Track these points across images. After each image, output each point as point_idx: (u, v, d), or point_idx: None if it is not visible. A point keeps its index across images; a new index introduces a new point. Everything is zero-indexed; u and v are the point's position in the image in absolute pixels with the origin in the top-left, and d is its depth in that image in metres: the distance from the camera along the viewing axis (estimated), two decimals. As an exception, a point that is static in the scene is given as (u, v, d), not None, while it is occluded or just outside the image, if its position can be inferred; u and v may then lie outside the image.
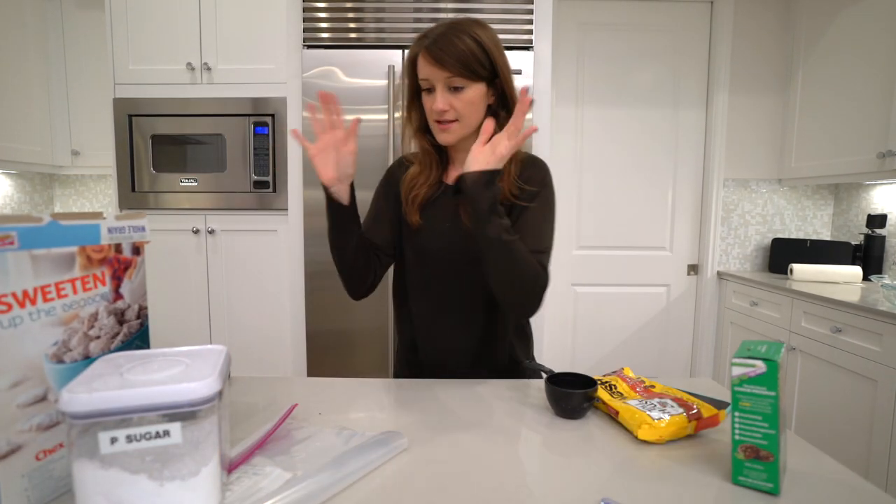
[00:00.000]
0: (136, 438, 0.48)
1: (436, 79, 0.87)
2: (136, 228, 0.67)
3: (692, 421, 0.72)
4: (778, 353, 0.58)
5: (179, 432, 0.49)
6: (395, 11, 1.92)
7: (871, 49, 1.98)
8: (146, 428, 0.48)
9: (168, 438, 0.49)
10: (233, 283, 2.15)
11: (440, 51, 0.85)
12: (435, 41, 0.86)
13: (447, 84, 0.87)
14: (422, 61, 0.88)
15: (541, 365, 0.92)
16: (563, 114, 2.51)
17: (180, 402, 0.48)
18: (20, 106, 2.18)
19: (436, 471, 0.63)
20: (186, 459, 0.50)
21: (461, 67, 0.86)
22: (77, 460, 0.47)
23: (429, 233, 0.98)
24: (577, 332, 2.61)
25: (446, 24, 0.89)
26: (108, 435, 0.47)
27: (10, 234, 0.52)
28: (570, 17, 2.47)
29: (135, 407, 0.47)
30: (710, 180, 2.53)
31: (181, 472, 0.50)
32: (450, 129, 0.90)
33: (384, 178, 1.07)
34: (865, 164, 1.99)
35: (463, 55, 0.85)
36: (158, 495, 0.49)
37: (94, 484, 0.48)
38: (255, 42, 2.07)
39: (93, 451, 0.47)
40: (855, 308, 1.72)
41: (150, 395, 0.48)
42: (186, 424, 0.49)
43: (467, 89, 0.88)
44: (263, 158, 2.10)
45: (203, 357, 0.57)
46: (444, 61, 0.85)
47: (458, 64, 0.85)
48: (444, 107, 0.88)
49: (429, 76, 0.88)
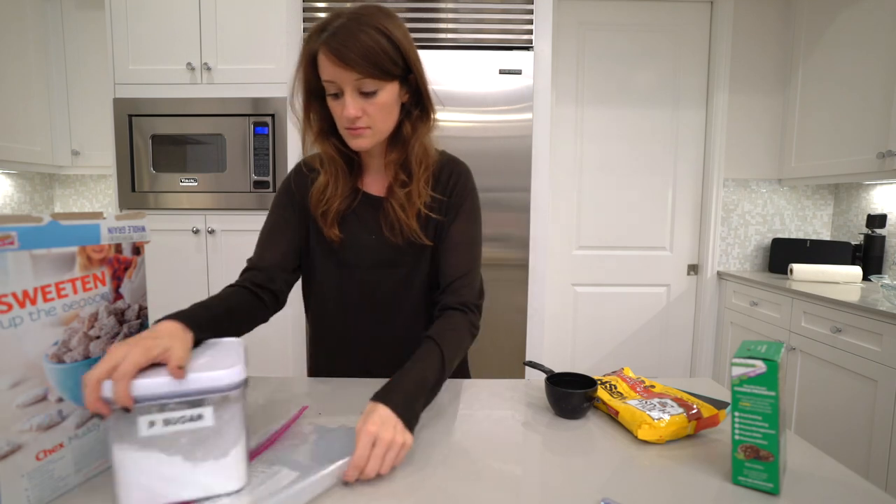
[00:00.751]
0: (172, 422, 0.52)
1: (343, 82, 0.75)
2: (136, 228, 0.67)
3: (692, 421, 0.72)
4: (778, 353, 0.58)
5: (211, 416, 0.53)
6: (394, 11, 1.92)
7: (871, 49, 1.98)
8: (181, 412, 0.52)
9: (201, 421, 0.53)
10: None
11: (344, 48, 0.73)
12: (336, 35, 0.73)
13: (356, 87, 0.76)
14: (324, 61, 0.75)
15: (541, 365, 0.92)
16: (563, 114, 2.51)
17: (213, 388, 0.53)
18: (20, 106, 2.18)
19: (436, 471, 0.63)
20: (217, 441, 0.54)
21: (371, 67, 0.74)
22: (117, 443, 0.51)
23: (353, 248, 0.90)
24: (577, 332, 2.61)
25: (347, 13, 0.75)
26: (147, 419, 0.51)
27: (10, 234, 0.52)
28: (570, 17, 2.47)
29: (172, 393, 0.52)
30: (710, 180, 2.53)
31: (213, 453, 0.54)
32: (363, 134, 0.80)
33: (282, 189, 0.93)
34: (865, 164, 1.99)
35: (371, 52, 0.74)
36: (192, 474, 0.53)
37: (134, 465, 0.52)
38: (255, 42, 2.07)
39: (132, 434, 0.51)
40: (855, 308, 1.72)
41: (185, 382, 0.52)
42: (217, 409, 0.54)
43: (380, 92, 0.77)
44: (263, 158, 2.10)
45: (223, 348, 0.61)
46: (352, 61, 0.73)
47: (368, 63, 0.74)
48: (356, 113, 0.77)
49: (335, 78, 0.75)
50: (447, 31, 1.92)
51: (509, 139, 1.91)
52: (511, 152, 1.91)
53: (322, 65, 0.76)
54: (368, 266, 0.91)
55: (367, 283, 0.92)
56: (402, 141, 0.85)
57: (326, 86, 0.78)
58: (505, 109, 1.90)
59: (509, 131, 1.90)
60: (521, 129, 1.92)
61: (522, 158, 1.92)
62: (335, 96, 0.79)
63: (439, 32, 1.92)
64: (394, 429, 0.62)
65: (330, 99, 0.80)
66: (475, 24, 1.91)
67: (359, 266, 0.91)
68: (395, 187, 0.86)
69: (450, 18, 1.92)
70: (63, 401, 0.57)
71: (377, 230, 0.89)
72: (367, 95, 0.77)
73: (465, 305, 0.85)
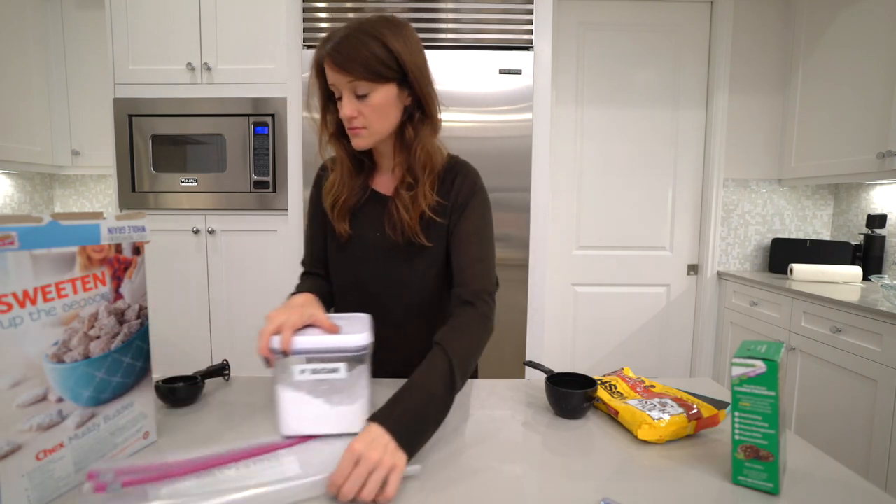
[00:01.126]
0: (316, 371, 0.69)
1: (341, 85, 0.82)
2: (136, 228, 0.67)
3: (692, 421, 0.72)
4: (778, 353, 0.58)
5: (345, 370, 0.69)
6: (394, 11, 1.92)
7: (871, 49, 1.98)
8: (323, 365, 0.69)
9: (337, 374, 0.69)
10: (233, 283, 2.15)
11: (340, 55, 0.80)
12: (337, 45, 0.80)
13: (352, 90, 0.82)
14: (326, 67, 0.82)
15: (541, 365, 0.92)
16: (563, 114, 2.51)
17: (348, 348, 0.68)
18: (20, 106, 2.18)
19: (436, 471, 0.63)
20: (348, 391, 0.71)
21: (363, 71, 0.80)
22: (279, 384, 0.69)
23: (358, 243, 0.94)
24: (577, 332, 2.61)
25: (353, 24, 0.82)
26: (299, 367, 0.68)
27: (10, 234, 0.52)
28: (570, 17, 2.47)
29: (319, 349, 0.68)
30: (710, 180, 2.53)
31: (345, 400, 0.71)
32: (360, 134, 0.85)
33: (312, 190, 1.03)
34: (865, 164, 1.99)
35: (364, 59, 0.80)
36: (329, 414, 0.70)
37: (290, 402, 0.69)
38: (255, 42, 2.07)
39: (289, 378, 0.69)
40: (855, 308, 1.72)
41: (328, 342, 0.68)
42: (349, 365, 0.69)
43: (373, 94, 0.82)
44: (263, 158, 2.10)
45: (354, 319, 0.77)
46: (346, 66, 0.80)
47: (360, 68, 0.80)
48: (352, 113, 0.83)
49: (334, 82, 0.83)
50: (447, 31, 1.92)
51: (509, 139, 1.91)
52: (511, 152, 1.91)
53: (326, 72, 0.83)
54: (374, 261, 0.95)
55: (374, 279, 0.95)
56: (405, 145, 0.89)
57: (332, 89, 0.85)
58: (505, 109, 1.90)
59: (509, 131, 1.90)
60: (521, 129, 1.92)
61: (522, 158, 1.92)
62: (339, 100, 0.85)
63: (439, 32, 1.92)
64: (383, 449, 0.59)
65: (338, 102, 0.86)
66: (475, 24, 1.91)
67: (366, 260, 0.95)
68: (400, 189, 0.90)
69: (450, 18, 1.92)
70: (63, 401, 0.57)
71: (381, 228, 0.93)
72: (361, 97, 0.83)
73: (475, 295, 0.84)
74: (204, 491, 0.54)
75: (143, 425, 0.69)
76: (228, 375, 0.96)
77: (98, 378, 0.61)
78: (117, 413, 0.65)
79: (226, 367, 0.95)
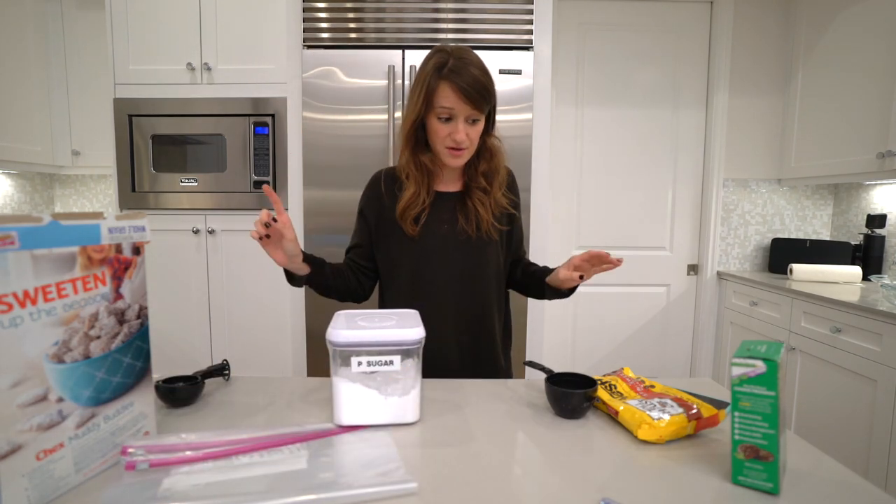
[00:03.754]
0: (372, 364, 0.73)
1: (460, 111, 0.95)
2: (137, 228, 0.67)
3: (692, 421, 0.72)
4: (778, 353, 0.58)
5: (399, 362, 0.73)
6: (395, 11, 1.92)
7: (871, 49, 1.98)
8: (378, 357, 0.73)
9: (391, 366, 0.73)
10: (233, 283, 2.15)
11: (470, 87, 0.93)
12: (458, 73, 0.93)
13: (468, 118, 0.96)
14: (449, 92, 0.94)
15: (541, 365, 0.92)
16: (563, 114, 2.51)
17: (402, 342, 0.73)
18: (20, 106, 2.18)
19: (436, 471, 0.63)
20: (402, 383, 0.74)
21: (482, 101, 0.95)
22: (336, 375, 0.73)
23: (429, 238, 1.04)
24: (577, 332, 2.62)
25: (474, 58, 0.97)
26: (357, 359, 0.73)
27: (10, 234, 0.52)
28: (570, 17, 2.47)
29: (375, 342, 0.72)
30: (710, 180, 2.54)
31: (398, 391, 0.74)
32: (462, 155, 1.00)
33: (368, 193, 1.10)
34: (865, 164, 1.99)
35: (484, 89, 0.95)
36: (383, 404, 0.74)
37: (346, 392, 0.73)
38: (255, 42, 2.07)
39: (346, 370, 0.73)
40: (855, 308, 1.72)
41: (384, 335, 0.72)
42: (403, 358, 0.74)
43: (480, 121, 0.99)
44: (263, 158, 2.10)
45: (405, 316, 0.81)
46: (474, 99, 0.94)
47: (480, 98, 0.95)
48: (464, 138, 0.96)
49: (454, 107, 0.95)
50: (448, 31, 1.92)
51: (509, 139, 1.89)
52: (511, 152, 1.89)
53: (445, 94, 0.95)
54: (442, 252, 1.05)
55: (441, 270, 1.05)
56: (487, 156, 1.06)
57: (442, 111, 0.96)
58: (505, 109, 1.90)
59: (509, 131, 1.90)
60: (521, 129, 1.92)
61: (522, 158, 1.92)
62: (447, 120, 0.97)
63: (440, 32, 1.92)
64: None
65: (438, 121, 0.97)
66: (475, 24, 1.91)
67: (435, 252, 1.04)
68: (475, 189, 1.05)
69: (450, 18, 1.92)
70: (63, 401, 0.57)
71: (452, 222, 1.05)
72: (472, 123, 0.98)
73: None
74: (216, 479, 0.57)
75: (143, 425, 0.69)
76: (228, 375, 0.96)
77: (98, 378, 0.61)
78: (117, 413, 0.65)
79: (226, 367, 0.95)
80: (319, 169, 1.94)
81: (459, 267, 1.05)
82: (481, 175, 1.06)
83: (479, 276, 1.06)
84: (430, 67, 0.96)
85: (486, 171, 1.06)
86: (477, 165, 1.05)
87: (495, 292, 1.10)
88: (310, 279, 1.01)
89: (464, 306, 1.06)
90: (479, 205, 1.04)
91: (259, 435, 0.67)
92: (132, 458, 0.59)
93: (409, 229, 1.03)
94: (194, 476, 0.58)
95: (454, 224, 1.05)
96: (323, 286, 1.04)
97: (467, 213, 1.05)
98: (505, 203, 1.08)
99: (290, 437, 0.68)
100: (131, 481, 0.57)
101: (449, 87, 0.94)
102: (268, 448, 0.65)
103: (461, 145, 0.97)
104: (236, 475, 0.58)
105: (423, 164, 1.03)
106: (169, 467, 0.59)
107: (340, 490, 0.56)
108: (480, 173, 1.06)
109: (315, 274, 1.00)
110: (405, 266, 1.06)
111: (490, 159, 1.05)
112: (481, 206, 1.04)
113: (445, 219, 1.05)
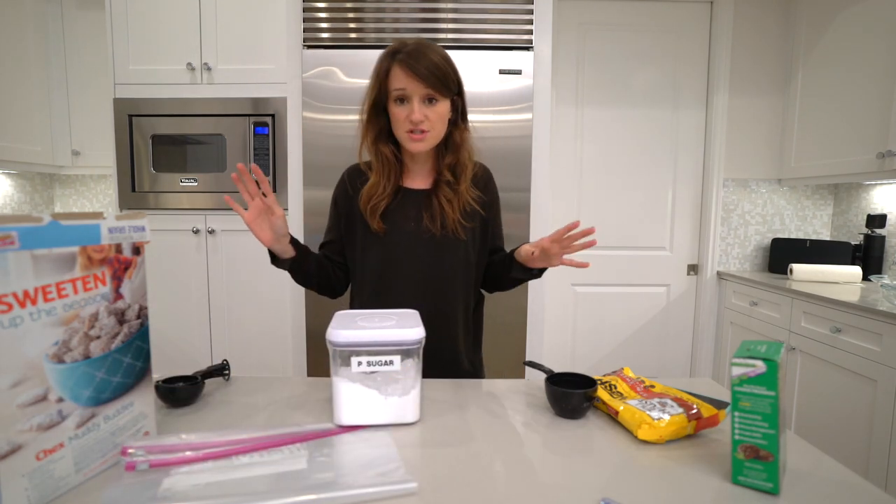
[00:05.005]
0: (372, 364, 0.73)
1: (413, 90, 0.94)
2: (137, 228, 0.67)
3: (692, 421, 0.72)
4: (778, 353, 0.58)
5: (399, 362, 0.74)
6: (395, 11, 1.92)
7: (871, 49, 1.98)
8: (378, 357, 0.73)
9: (391, 366, 0.73)
10: (233, 283, 2.15)
11: (418, 64, 0.93)
12: (411, 55, 0.94)
13: (424, 96, 0.95)
14: (399, 73, 0.94)
15: (541, 365, 0.92)
16: (563, 114, 2.51)
17: (402, 342, 0.73)
18: (20, 106, 2.18)
19: (436, 471, 0.63)
20: (401, 383, 0.74)
21: (437, 81, 0.94)
22: (336, 375, 0.73)
23: (395, 235, 1.03)
24: (577, 332, 2.61)
25: (415, 41, 0.97)
26: (357, 359, 0.72)
27: (10, 234, 0.52)
28: (570, 17, 2.47)
29: (375, 342, 0.72)
30: (710, 180, 2.53)
31: (398, 391, 0.74)
32: (423, 138, 0.97)
33: (338, 190, 1.10)
34: (865, 164, 1.99)
35: (438, 70, 0.94)
36: (383, 404, 0.74)
37: (346, 392, 0.73)
38: (255, 42, 2.07)
39: (346, 370, 0.73)
40: (855, 308, 1.72)
41: (384, 335, 0.73)
42: (403, 358, 0.74)
43: (439, 103, 0.97)
44: (263, 158, 2.10)
45: (405, 316, 0.81)
46: (423, 74, 0.93)
47: (434, 78, 0.94)
48: (420, 117, 0.95)
49: (406, 86, 0.94)
50: (447, 31, 1.92)
51: (509, 139, 1.91)
52: (511, 152, 1.91)
53: (396, 76, 0.95)
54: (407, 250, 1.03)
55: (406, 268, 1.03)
56: (453, 148, 1.03)
57: (396, 93, 0.95)
58: (505, 109, 1.90)
59: (509, 131, 1.90)
60: (521, 129, 1.92)
61: (522, 158, 1.92)
62: (401, 101, 0.96)
63: (440, 32, 1.92)
64: None
65: (394, 104, 0.96)
66: (475, 24, 1.91)
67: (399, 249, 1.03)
68: (442, 184, 1.03)
69: (450, 18, 1.92)
70: (63, 401, 0.57)
71: (418, 220, 1.03)
72: (429, 103, 0.96)
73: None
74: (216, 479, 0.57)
75: (143, 425, 0.69)
76: (228, 375, 0.96)
77: (98, 378, 0.61)
78: (117, 413, 0.65)
79: (226, 367, 0.95)
80: (319, 169, 1.94)
81: (423, 265, 1.03)
82: (447, 168, 1.03)
83: (441, 275, 1.04)
84: (384, 54, 0.97)
85: (453, 163, 1.03)
86: (444, 158, 1.04)
87: (461, 292, 1.07)
88: (293, 263, 1.00)
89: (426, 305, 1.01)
90: (446, 202, 1.02)
91: (259, 435, 0.67)
92: (132, 459, 0.59)
93: (374, 224, 1.02)
94: (194, 476, 0.58)
95: (419, 222, 1.03)
96: (305, 273, 1.03)
97: (433, 212, 1.03)
98: (470, 199, 1.04)
99: (290, 437, 0.68)
100: (131, 481, 0.57)
101: (399, 68, 0.94)
102: (268, 448, 0.64)
103: (419, 126, 0.95)
104: (236, 475, 0.58)
105: (383, 154, 1.02)
106: (169, 467, 0.59)
107: (340, 490, 0.56)
108: (447, 166, 1.03)
109: (300, 259, 1.00)
110: (371, 263, 1.05)
111: (456, 151, 1.03)
112: (447, 204, 1.02)
113: (412, 216, 1.04)
